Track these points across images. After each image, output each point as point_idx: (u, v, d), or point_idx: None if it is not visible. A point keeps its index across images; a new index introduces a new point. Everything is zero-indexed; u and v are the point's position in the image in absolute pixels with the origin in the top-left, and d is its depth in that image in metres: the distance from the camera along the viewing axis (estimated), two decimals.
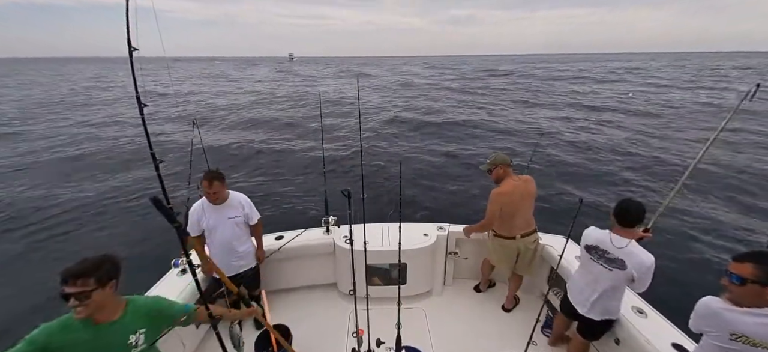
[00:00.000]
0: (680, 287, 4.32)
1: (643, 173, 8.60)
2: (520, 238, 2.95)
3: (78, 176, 8.80)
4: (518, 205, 2.89)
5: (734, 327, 1.41)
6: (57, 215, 6.78)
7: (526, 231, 2.96)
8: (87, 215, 6.81)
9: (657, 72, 44.54)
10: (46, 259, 5.40)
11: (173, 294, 2.58)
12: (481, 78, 40.53)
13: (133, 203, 7.25)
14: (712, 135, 2.34)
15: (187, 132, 13.19)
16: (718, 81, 31.92)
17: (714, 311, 1.49)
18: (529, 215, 2.97)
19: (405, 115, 16.50)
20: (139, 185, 8.11)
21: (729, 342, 1.43)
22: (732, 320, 1.42)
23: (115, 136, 12.85)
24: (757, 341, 1.36)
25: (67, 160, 10.27)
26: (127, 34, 1.33)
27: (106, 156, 10.54)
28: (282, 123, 15.00)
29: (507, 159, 2.92)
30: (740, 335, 1.40)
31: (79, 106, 20.68)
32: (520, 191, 2.87)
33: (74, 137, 12.79)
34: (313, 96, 23.44)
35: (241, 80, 40.27)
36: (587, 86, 28.98)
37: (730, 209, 6.70)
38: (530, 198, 2.94)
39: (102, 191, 7.87)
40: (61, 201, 7.31)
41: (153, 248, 5.44)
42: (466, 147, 11.25)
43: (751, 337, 1.37)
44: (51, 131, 13.79)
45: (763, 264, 1.38)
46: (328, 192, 3.52)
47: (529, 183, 2.93)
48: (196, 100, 21.78)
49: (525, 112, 17.43)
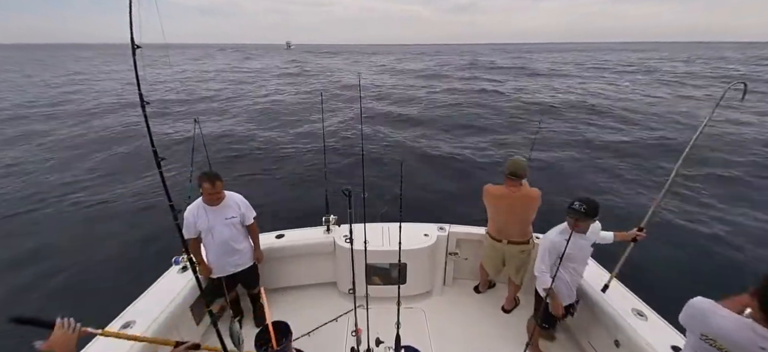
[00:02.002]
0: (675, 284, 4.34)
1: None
2: (506, 243, 2.94)
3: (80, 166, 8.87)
4: (506, 213, 2.90)
5: (709, 329, 1.40)
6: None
7: (514, 239, 2.93)
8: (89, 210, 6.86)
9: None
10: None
11: (173, 292, 2.60)
12: (486, 68, 40.26)
13: (137, 200, 7.29)
14: (693, 136, 2.34)
15: (188, 129, 13.24)
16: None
17: (701, 311, 1.47)
18: (520, 225, 2.93)
19: (405, 112, 16.51)
20: (141, 181, 8.15)
21: (699, 341, 1.44)
22: (712, 323, 1.40)
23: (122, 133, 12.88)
24: (721, 344, 1.35)
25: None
26: (130, 32, 1.31)
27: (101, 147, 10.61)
28: (286, 119, 14.97)
29: (509, 167, 2.85)
30: (710, 337, 1.39)
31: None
32: (509, 200, 2.86)
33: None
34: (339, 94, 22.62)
35: (253, 71, 39.78)
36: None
37: (724, 201, 6.73)
38: (523, 210, 2.88)
39: (105, 187, 7.92)
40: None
41: (154, 244, 5.47)
42: (472, 144, 11.25)
43: (717, 340, 1.36)
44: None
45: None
46: (329, 191, 3.52)
47: (527, 196, 2.87)
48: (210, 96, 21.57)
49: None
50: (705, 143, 7.89)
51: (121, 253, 5.50)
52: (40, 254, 5.45)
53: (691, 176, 7.40)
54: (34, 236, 5.98)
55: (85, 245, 5.71)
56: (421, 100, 19.38)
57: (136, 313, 2.36)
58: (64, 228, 6.25)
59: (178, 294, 2.58)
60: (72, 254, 5.41)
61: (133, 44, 1.33)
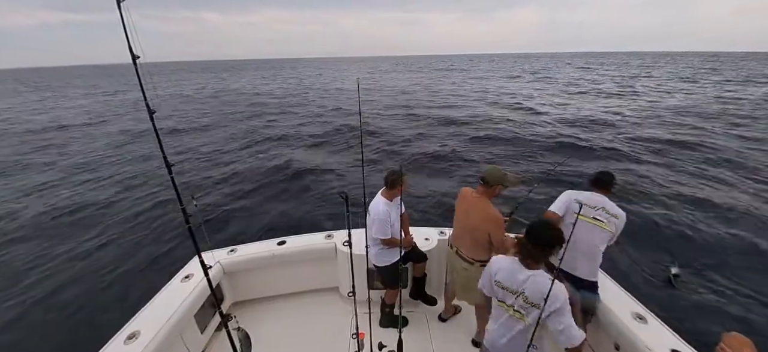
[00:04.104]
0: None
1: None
2: (454, 253, 2.68)
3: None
4: (459, 217, 2.66)
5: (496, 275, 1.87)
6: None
7: (461, 252, 2.62)
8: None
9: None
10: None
11: (178, 301, 2.60)
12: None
13: (145, 206, 7.34)
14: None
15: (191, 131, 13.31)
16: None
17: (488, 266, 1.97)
18: (471, 239, 2.54)
19: (406, 114, 16.70)
20: (150, 189, 8.22)
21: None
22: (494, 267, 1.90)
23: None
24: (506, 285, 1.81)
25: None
26: (128, 42, 1.30)
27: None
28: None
29: (483, 175, 2.50)
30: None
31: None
32: (465, 205, 2.58)
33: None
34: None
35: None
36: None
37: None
38: (475, 222, 2.46)
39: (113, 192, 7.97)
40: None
41: (161, 252, 5.50)
42: (474, 149, 11.34)
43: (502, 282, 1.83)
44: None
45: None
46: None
47: (483, 211, 2.41)
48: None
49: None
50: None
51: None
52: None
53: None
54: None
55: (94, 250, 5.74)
56: (421, 105, 19.46)
57: (140, 323, 2.37)
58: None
59: (183, 302, 2.59)
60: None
61: (132, 55, 1.34)
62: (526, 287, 1.74)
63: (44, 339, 4.11)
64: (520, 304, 1.76)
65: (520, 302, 1.76)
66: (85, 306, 4.60)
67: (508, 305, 1.83)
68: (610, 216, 2.45)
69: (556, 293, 1.62)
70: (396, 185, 2.67)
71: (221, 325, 2.46)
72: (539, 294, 1.67)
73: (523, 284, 1.75)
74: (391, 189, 2.72)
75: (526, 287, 1.74)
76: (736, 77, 36.13)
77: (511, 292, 1.80)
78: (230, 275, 3.21)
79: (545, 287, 1.64)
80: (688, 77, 37.42)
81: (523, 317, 1.77)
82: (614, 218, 2.45)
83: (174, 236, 6.05)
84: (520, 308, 1.77)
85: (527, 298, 1.73)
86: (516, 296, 1.78)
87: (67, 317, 4.43)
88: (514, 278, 1.77)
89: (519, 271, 1.77)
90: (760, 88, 26.35)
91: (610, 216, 2.45)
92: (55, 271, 5.35)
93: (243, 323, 2.13)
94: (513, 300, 1.80)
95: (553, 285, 1.60)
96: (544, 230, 1.75)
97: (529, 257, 1.76)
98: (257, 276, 3.32)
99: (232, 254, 3.20)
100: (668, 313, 2.44)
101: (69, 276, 5.20)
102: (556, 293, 1.62)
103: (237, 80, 50.11)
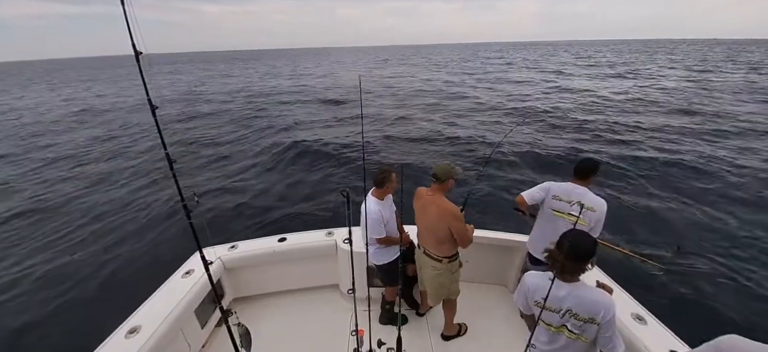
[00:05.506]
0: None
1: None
2: (423, 253, 2.66)
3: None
4: (419, 217, 2.64)
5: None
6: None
7: (428, 251, 2.60)
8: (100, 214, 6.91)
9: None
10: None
11: (178, 296, 2.61)
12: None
13: (148, 203, 7.35)
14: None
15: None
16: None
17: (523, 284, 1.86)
18: (434, 238, 2.52)
19: (405, 113, 16.58)
20: (152, 188, 8.22)
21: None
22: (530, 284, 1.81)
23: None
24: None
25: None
26: (131, 38, 1.31)
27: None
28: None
29: (434, 172, 2.48)
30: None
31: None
32: (422, 202, 2.56)
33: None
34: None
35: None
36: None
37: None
38: (433, 219, 2.45)
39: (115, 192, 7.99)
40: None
41: (161, 248, 5.52)
42: (475, 146, 11.26)
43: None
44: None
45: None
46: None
47: (439, 207, 2.41)
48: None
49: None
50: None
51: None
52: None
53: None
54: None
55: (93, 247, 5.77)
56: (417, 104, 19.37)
57: (141, 317, 2.38)
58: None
59: (183, 298, 2.60)
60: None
61: (135, 51, 1.35)
62: (571, 304, 1.62)
63: (45, 333, 4.14)
64: (573, 323, 1.63)
65: (572, 321, 1.63)
66: (86, 300, 4.62)
67: (556, 328, 1.70)
68: (586, 210, 2.37)
69: (607, 303, 1.57)
70: (385, 183, 2.63)
71: (222, 320, 2.47)
72: (590, 307, 1.58)
73: (564, 300, 1.63)
74: (380, 188, 2.66)
75: (571, 304, 1.62)
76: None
77: (553, 311, 1.68)
78: (231, 271, 3.22)
79: (592, 298, 1.57)
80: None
81: (579, 336, 1.65)
82: (590, 212, 2.38)
83: (175, 232, 6.07)
84: (573, 329, 1.64)
85: (578, 315, 1.61)
86: (561, 314, 1.66)
87: (67, 310, 4.45)
88: (554, 295, 1.62)
89: (556, 287, 1.61)
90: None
91: (586, 210, 2.37)
92: (55, 264, 5.37)
93: (243, 319, 2.14)
94: (559, 319, 1.67)
95: (599, 294, 1.57)
96: (583, 241, 1.62)
97: (566, 271, 1.63)
98: (258, 272, 3.33)
99: (233, 250, 3.20)
100: (668, 313, 2.43)
101: (69, 270, 5.23)
102: (606, 303, 1.56)
103: (236, 71, 49.84)
